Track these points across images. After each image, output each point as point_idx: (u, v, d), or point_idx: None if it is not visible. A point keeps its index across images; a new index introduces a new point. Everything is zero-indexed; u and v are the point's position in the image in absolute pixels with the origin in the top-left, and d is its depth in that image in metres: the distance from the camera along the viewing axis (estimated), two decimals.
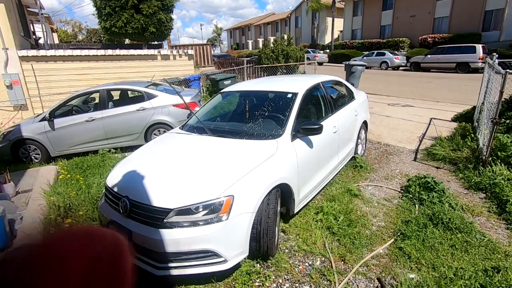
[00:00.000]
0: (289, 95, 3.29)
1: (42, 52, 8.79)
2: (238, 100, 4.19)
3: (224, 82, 9.87)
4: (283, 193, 2.70)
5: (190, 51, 11.07)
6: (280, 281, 2.38)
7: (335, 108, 3.89)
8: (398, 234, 2.85)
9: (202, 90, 10.80)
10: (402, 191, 3.77)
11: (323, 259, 2.60)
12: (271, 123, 3.16)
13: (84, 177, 4.50)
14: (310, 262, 2.57)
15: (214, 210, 2.15)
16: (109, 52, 9.69)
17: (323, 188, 3.62)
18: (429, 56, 18.20)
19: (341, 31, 36.32)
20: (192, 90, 7.75)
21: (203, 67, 20.59)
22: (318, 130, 2.86)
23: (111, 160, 5.25)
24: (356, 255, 2.60)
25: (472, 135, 5.06)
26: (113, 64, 9.78)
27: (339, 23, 34.98)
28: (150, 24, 15.86)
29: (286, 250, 2.73)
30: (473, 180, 3.83)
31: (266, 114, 3.27)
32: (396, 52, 22.65)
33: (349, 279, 2.35)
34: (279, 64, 12.71)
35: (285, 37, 13.97)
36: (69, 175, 4.36)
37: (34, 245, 0.44)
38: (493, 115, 3.91)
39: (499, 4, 21.30)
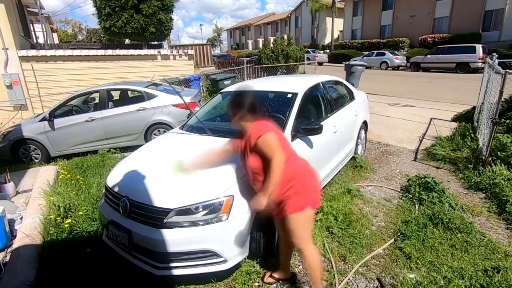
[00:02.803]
0: (289, 95, 3.29)
1: (42, 52, 8.78)
2: None
3: (224, 82, 9.86)
4: None
5: (190, 51, 11.07)
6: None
7: (335, 108, 3.89)
8: (398, 234, 2.85)
9: (202, 90, 10.79)
10: (402, 191, 3.77)
11: (323, 259, 2.60)
12: None
13: (84, 177, 4.50)
14: None
15: (214, 210, 2.15)
16: (109, 52, 9.68)
17: (323, 188, 3.61)
18: (429, 56, 18.20)
19: (341, 31, 36.31)
20: (192, 90, 7.75)
21: (203, 67, 20.60)
22: (318, 130, 2.86)
23: (111, 160, 5.25)
24: (356, 255, 2.60)
25: (472, 135, 5.06)
26: (113, 64, 9.77)
27: (339, 23, 34.98)
28: (150, 24, 15.85)
29: None
30: (473, 180, 3.83)
31: (266, 114, 3.26)
32: (396, 52, 22.65)
33: (349, 279, 2.35)
34: (279, 64, 12.71)
35: (285, 37, 13.97)
36: (69, 175, 4.35)
37: None
38: (493, 115, 3.91)
39: (499, 4, 21.30)
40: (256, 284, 2.35)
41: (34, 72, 8.72)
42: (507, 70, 3.75)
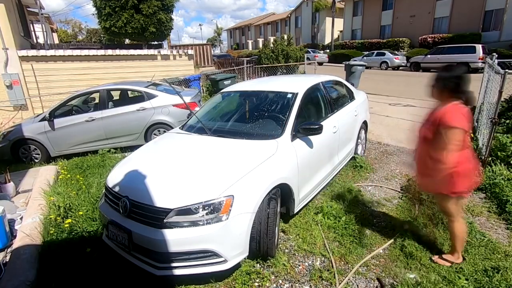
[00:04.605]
0: (289, 95, 3.29)
1: (42, 52, 8.78)
2: (238, 100, 4.18)
3: (224, 82, 9.87)
4: (283, 193, 2.70)
5: (190, 51, 11.07)
6: (280, 281, 2.38)
7: (335, 108, 3.89)
8: (398, 234, 2.85)
9: (202, 90, 10.79)
10: (402, 191, 3.77)
11: (323, 259, 2.60)
12: (271, 123, 3.15)
13: (84, 177, 4.50)
14: (310, 262, 2.57)
15: (214, 210, 2.15)
16: (109, 52, 9.69)
17: (323, 188, 3.61)
18: (429, 56, 18.19)
19: (341, 31, 36.30)
20: (192, 90, 7.75)
21: (203, 67, 20.60)
22: (318, 130, 2.86)
23: (111, 160, 5.25)
24: (356, 255, 2.60)
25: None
26: (113, 64, 9.78)
27: (339, 23, 34.96)
28: (150, 24, 15.85)
29: (286, 250, 2.73)
30: None
31: (266, 114, 3.27)
32: (396, 52, 22.64)
33: (349, 279, 2.35)
34: (279, 64, 12.71)
35: (285, 37, 13.97)
36: (69, 175, 4.35)
37: None
38: (492, 115, 3.91)
39: (499, 4, 21.29)
40: (256, 284, 2.35)
41: (34, 72, 8.72)
42: (507, 70, 3.75)
